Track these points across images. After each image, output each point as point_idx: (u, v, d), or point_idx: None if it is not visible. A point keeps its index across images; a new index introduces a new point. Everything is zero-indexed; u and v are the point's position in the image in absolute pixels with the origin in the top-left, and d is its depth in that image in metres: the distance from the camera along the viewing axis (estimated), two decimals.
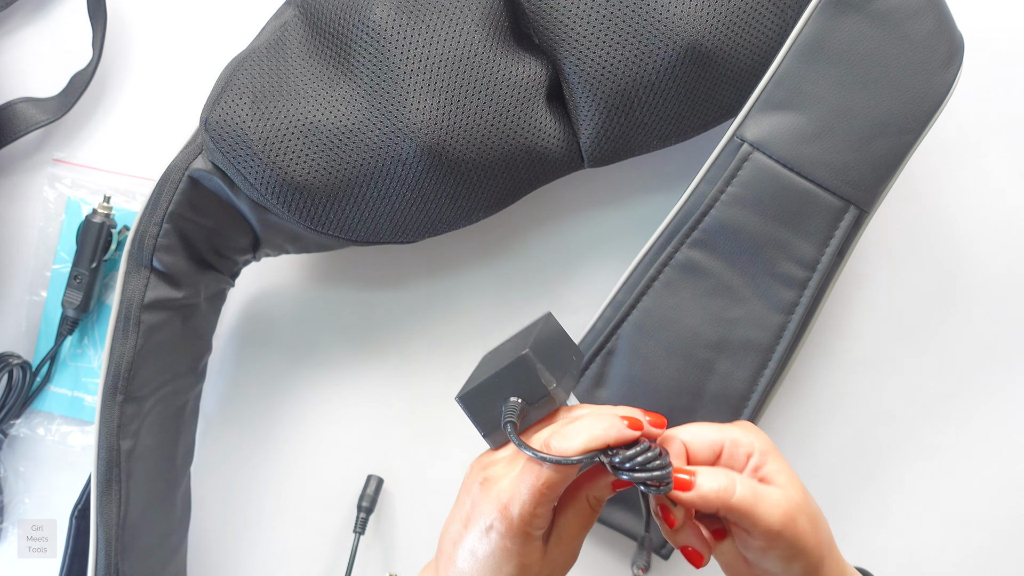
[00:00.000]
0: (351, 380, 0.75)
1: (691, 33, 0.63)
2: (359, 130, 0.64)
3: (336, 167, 0.64)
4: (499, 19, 0.66)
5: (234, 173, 0.64)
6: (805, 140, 0.63)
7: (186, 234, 0.66)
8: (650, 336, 0.66)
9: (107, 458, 0.64)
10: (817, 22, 0.63)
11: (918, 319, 0.75)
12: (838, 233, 0.64)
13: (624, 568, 0.73)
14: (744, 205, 0.64)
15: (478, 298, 0.75)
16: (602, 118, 0.65)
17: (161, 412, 0.67)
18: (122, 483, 0.64)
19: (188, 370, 0.69)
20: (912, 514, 0.74)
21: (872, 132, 0.63)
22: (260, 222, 0.66)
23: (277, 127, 0.63)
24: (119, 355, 0.64)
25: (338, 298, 0.75)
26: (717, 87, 0.66)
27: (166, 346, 0.66)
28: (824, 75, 0.63)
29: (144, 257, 0.65)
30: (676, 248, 0.65)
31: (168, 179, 0.65)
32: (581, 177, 0.74)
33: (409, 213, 0.66)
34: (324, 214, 0.65)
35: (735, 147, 0.65)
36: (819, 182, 0.64)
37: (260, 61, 0.65)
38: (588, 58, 0.64)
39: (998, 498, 0.74)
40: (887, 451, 0.74)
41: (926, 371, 0.75)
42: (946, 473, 0.74)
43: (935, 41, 0.63)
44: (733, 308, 0.65)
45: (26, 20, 0.77)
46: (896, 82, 0.63)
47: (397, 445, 0.74)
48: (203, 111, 0.65)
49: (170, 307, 0.66)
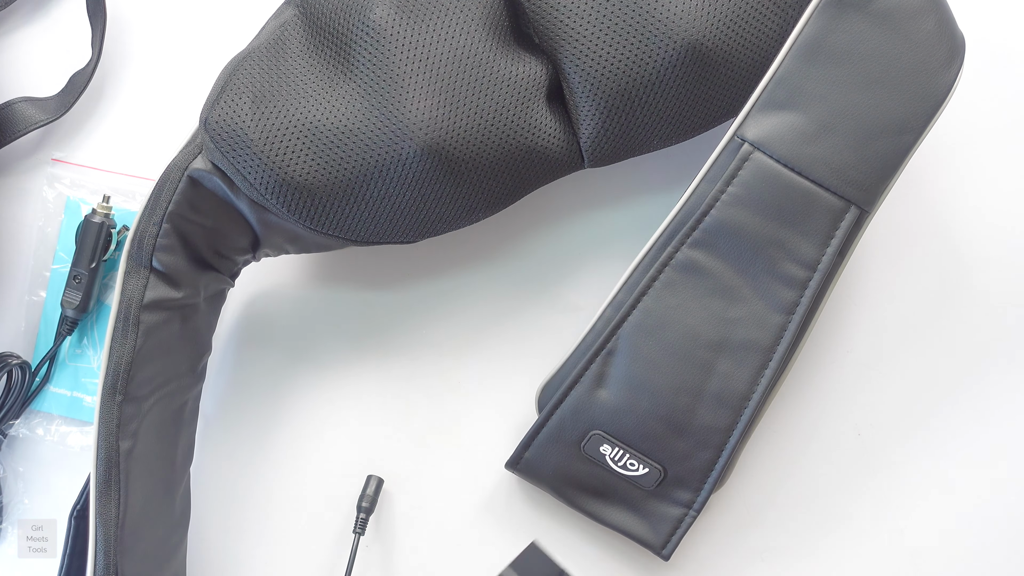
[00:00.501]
0: (351, 380, 0.75)
1: (692, 32, 0.63)
2: (359, 130, 0.63)
3: (336, 167, 0.63)
4: (499, 19, 0.66)
5: (234, 173, 0.64)
6: (806, 140, 0.63)
7: (186, 234, 0.66)
8: (651, 336, 0.66)
9: (106, 458, 0.64)
10: (818, 22, 0.63)
11: (919, 319, 0.75)
12: (839, 233, 0.64)
13: (624, 568, 0.73)
14: (745, 205, 0.64)
15: (478, 298, 0.75)
16: (602, 118, 0.65)
17: (160, 412, 0.67)
18: (121, 484, 0.64)
19: (188, 370, 0.68)
20: (913, 515, 0.74)
21: (873, 132, 0.63)
22: (260, 222, 0.66)
23: (277, 127, 0.63)
24: (118, 355, 0.64)
25: (338, 298, 0.75)
26: (718, 87, 0.66)
27: (165, 346, 0.66)
28: (825, 75, 0.63)
29: (143, 257, 0.64)
30: (677, 248, 0.65)
31: (167, 179, 0.65)
32: (581, 177, 0.74)
33: (409, 213, 0.66)
34: (324, 214, 0.65)
35: (736, 147, 0.65)
36: (820, 182, 0.64)
37: (260, 61, 0.65)
38: (588, 58, 0.64)
39: (1001, 498, 0.74)
40: (888, 451, 0.74)
41: (927, 371, 0.75)
42: (947, 473, 0.74)
43: (936, 41, 0.63)
44: (734, 308, 0.65)
45: (26, 20, 0.77)
46: (897, 82, 0.63)
47: (397, 445, 0.74)
48: (202, 111, 0.64)
49: (169, 307, 0.66)
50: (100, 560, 0.64)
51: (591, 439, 0.67)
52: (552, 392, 0.68)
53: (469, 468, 0.74)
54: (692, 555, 0.73)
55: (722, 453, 0.67)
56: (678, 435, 0.66)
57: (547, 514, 0.73)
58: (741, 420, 0.66)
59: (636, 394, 0.66)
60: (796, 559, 0.73)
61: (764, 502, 0.74)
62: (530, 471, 0.69)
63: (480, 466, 0.73)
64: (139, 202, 0.74)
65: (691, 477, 0.67)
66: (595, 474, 0.68)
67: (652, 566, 0.73)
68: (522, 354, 0.74)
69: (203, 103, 0.65)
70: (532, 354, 0.74)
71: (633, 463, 0.67)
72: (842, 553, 0.73)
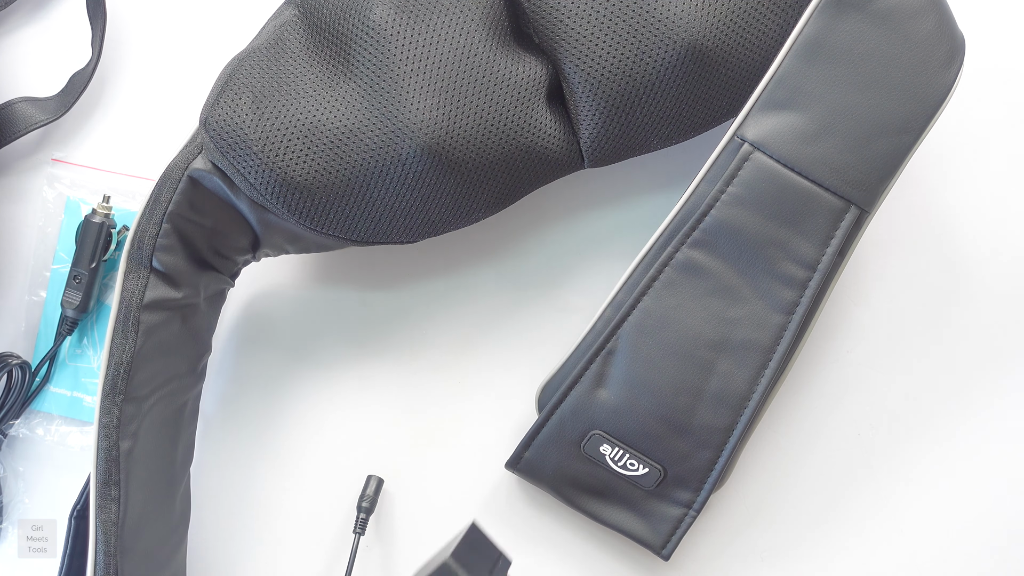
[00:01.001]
0: (351, 380, 0.75)
1: (692, 33, 0.63)
2: (359, 130, 0.63)
3: (336, 167, 0.64)
4: (499, 19, 0.66)
5: (234, 173, 0.64)
6: (806, 140, 0.63)
7: (185, 234, 0.66)
8: (651, 336, 0.66)
9: (106, 459, 0.64)
10: (818, 22, 0.63)
11: (919, 319, 0.75)
12: (839, 233, 0.64)
13: (623, 567, 0.73)
14: (745, 205, 0.64)
15: (478, 298, 0.75)
16: (602, 118, 0.65)
17: (160, 412, 0.67)
18: (121, 484, 0.64)
19: (188, 370, 0.68)
20: (913, 515, 0.74)
21: (873, 132, 0.63)
22: (260, 222, 0.66)
23: (277, 127, 0.63)
24: (118, 355, 0.64)
25: (338, 298, 0.75)
26: (718, 87, 0.66)
27: (166, 346, 0.66)
28: (825, 75, 0.63)
29: (143, 257, 0.64)
30: (677, 248, 0.65)
31: (167, 179, 0.65)
32: (581, 177, 0.74)
33: (409, 213, 0.66)
34: (324, 214, 0.65)
35: (736, 147, 0.65)
36: (820, 182, 0.64)
37: (260, 61, 0.65)
38: (589, 58, 0.64)
39: (1002, 498, 0.74)
40: (888, 451, 0.74)
41: (928, 371, 0.75)
42: (949, 474, 0.74)
43: (936, 41, 0.63)
44: (734, 308, 0.65)
45: (25, 20, 0.77)
46: (897, 82, 0.63)
47: (397, 445, 0.74)
48: (203, 111, 0.64)
49: (170, 307, 0.66)
50: (100, 560, 0.64)
51: (591, 439, 0.67)
52: (552, 392, 0.68)
53: (469, 468, 0.74)
54: (692, 555, 0.73)
55: (722, 453, 0.67)
56: (678, 435, 0.66)
57: (547, 514, 0.73)
58: (741, 420, 0.66)
59: (636, 394, 0.66)
60: (796, 559, 0.73)
61: (764, 502, 0.74)
62: (530, 471, 0.70)
63: (480, 466, 0.73)
64: (139, 202, 0.74)
65: (691, 477, 0.67)
66: (595, 474, 0.68)
67: (652, 566, 0.73)
68: (522, 354, 0.74)
69: (203, 103, 0.65)
70: (532, 354, 0.74)
71: (633, 463, 0.67)
72: (842, 553, 0.73)
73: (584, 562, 0.73)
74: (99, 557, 0.64)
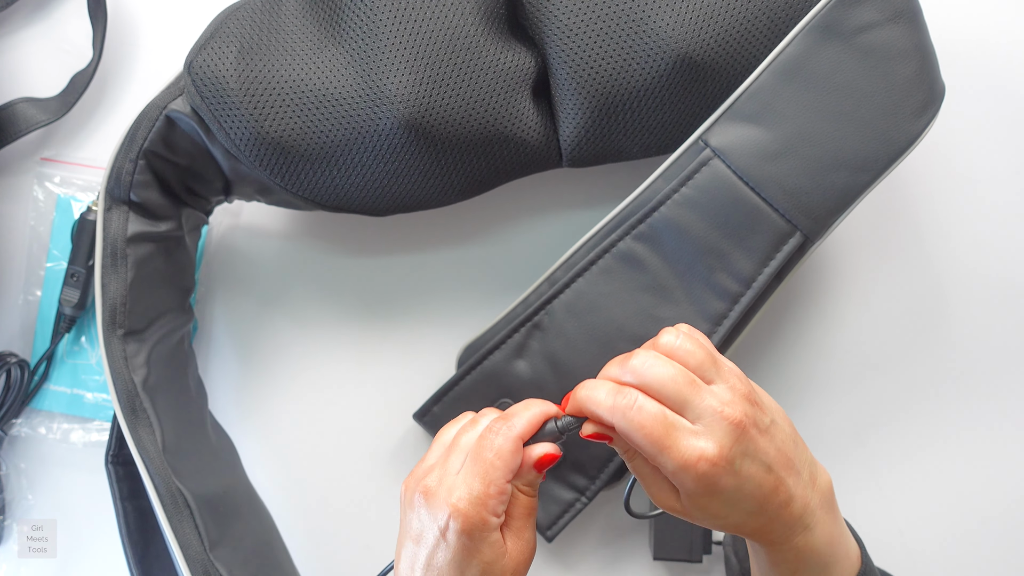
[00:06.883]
0: (352, 380, 0.75)
1: (683, 46, 0.63)
2: (340, 95, 0.64)
3: (312, 130, 0.64)
4: (496, 6, 0.66)
5: (211, 120, 0.64)
6: (766, 157, 0.63)
7: (159, 171, 0.66)
8: (578, 318, 0.66)
9: (125, 390, 0.64)
10: (801, 44, 0.63)
11: (918, 320, 0.74)
12: (779, 256, 0.64)
13: (623, 568, 0.73)
14: (694, 208, 0.64)
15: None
16: (585, 118, 0.66)
17: (162, 349, 0.67)
18: (147, 411, 0.64)
19: (178, 306, 0.69)
20: (913, 515, 0.74)
21: (832, 163, 0.63)
22: (231, 170, 0.67)
23: (259, 81, 0.64)
24: (112, 291, 0.65)
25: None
26: (704, 101, 0.66)
27: (155, 279, 0.67)
28: (797, 97, 0.63)
29: (121, 192, 0.65)
30: (620, 237, 0.66)
31: (145, 116, 0.65)
32: (568, 176, 0.74)
33: (380, 185, 0.66)
34: (295, 174, 0.65)
35: (697, 150, 0.65)
36: (771, 201, 0.64)
37: (252, 13, 0.66)
38: (577, 55, 0.64)
39: (1001, 498, 0.74)
40: (887, 451, 0.74)
41: (927, 371, 0.74)
42: (947, 474, 0.74)
43: (914, 87, 0.63)
44: (663, 307, 0.65)
45: (26, 20, 0.77)
46: (867, 119, 0.63)
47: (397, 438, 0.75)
48: (188, 54, 0.65)
49: (154, 239, 0.66)
50: (160, 484, 0.63)
51: (500, 405, 0.68)
52: (472, 353, 0.69)
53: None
54: None
55: None
56: None
57: None
58: None
59: (552, 371, 0.67)
60: None
61: None
62: (436, 425, 0.70)
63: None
64: None
65: (589, 464, 0.68)
66: None
67: (652, 566, 0.73)
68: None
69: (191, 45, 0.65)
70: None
71: None
72: None
73: (583, 560, 0.73)
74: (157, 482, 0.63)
